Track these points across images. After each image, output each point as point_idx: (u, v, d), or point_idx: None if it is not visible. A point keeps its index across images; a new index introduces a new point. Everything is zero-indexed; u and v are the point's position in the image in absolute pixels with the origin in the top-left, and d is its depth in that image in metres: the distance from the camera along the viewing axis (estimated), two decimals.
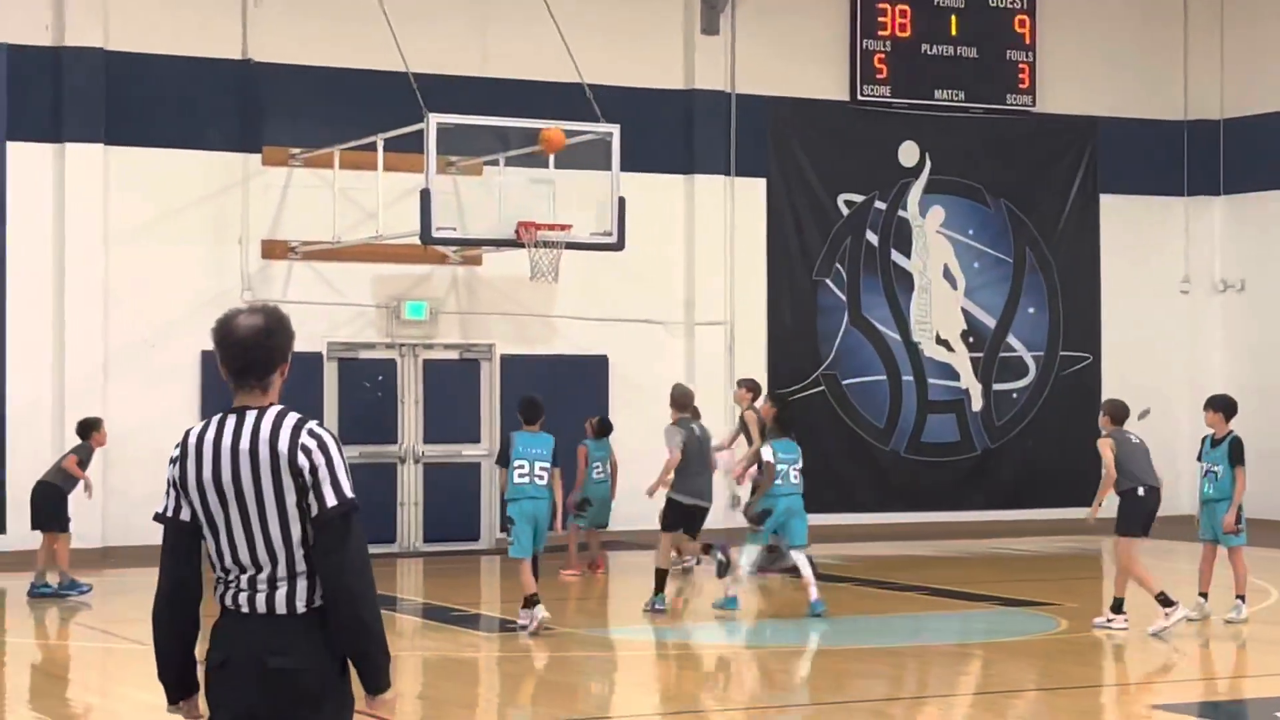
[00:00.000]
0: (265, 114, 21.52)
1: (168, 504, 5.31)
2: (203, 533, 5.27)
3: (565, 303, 22.58)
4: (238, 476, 5.16)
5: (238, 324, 5.24)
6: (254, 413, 5.22)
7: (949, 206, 25.25)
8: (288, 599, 5.14)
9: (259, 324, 5.24)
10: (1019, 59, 25.39)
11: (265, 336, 5.23)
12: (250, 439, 5.16)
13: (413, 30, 20.61)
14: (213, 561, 5.27)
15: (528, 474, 14.91)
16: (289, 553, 5.15)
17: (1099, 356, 26.04)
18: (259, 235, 21.46)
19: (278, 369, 5.28)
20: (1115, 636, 14.57)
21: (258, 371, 5.24)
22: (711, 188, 23.74)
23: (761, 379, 23.98)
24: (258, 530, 5.16)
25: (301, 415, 5.25)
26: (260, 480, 5.14)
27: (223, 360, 5.27)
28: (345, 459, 5.24)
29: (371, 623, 5.17)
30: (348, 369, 21.91)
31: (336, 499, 5.14)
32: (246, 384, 5.25)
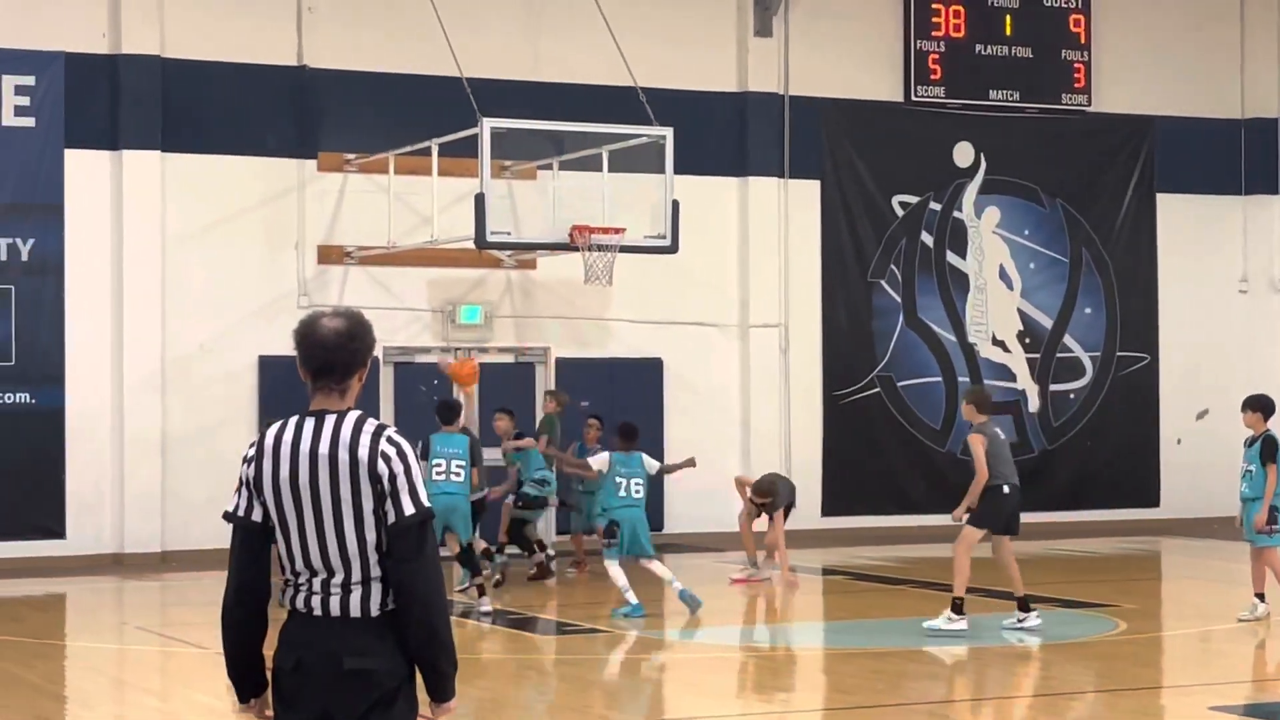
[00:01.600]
0: (320, 120, 21.63)
1: (239, 503, 5.32)
2: (273, 534, 5.28)
3: (619, 306, 22.61)
4: (315, 480, 5.17)
5: (321, 326, 5.28)
6: (333, 417, 5.24)
7: (1004, 207, 25.16)
8: (362, 602, 5.16)
9: (342, 327, 5.27)
10: (1074, 58, 25.28)
11: (347, 340, 5.26)
12: (330, 443, 5.18)
13: (466, 35, 20.68)
14: (282, 564, 5.29)
15: (444, 472, 15.94)
16: (364, 558, 5.17)
17: (1156, 356, 25.89)
18: (315, 241, 21.57)
19: (356, 373, 5.30)
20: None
21: (337, 374, 5.26)
22: (765, 190, 23.72)
23: (816, 381, 24.01)
24: (332, 534, 5.17)
25: (381, 422, 5.27)
26: (339, 485, 5.16)
27: (303, 361, 5.30)
28: (420, 467, 5.26)
29: (442, 631, 5.20)
30: (403, 373, 21.99)
31: (414, 507, 5.17)
32: (325, 386, 5.28)
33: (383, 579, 5.18)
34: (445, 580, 5.25)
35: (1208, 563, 21.40)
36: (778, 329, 23.75)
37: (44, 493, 20.42)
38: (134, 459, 20.62)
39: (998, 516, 14.60)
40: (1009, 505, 14.63)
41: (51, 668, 14.24)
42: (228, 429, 20.54)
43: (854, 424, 24.08)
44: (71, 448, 20.59)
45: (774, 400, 23.60)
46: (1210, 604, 17.15)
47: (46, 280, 20.55)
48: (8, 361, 20.42)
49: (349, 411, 5.27)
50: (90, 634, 16.31)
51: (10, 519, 20.29)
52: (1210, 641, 14.95)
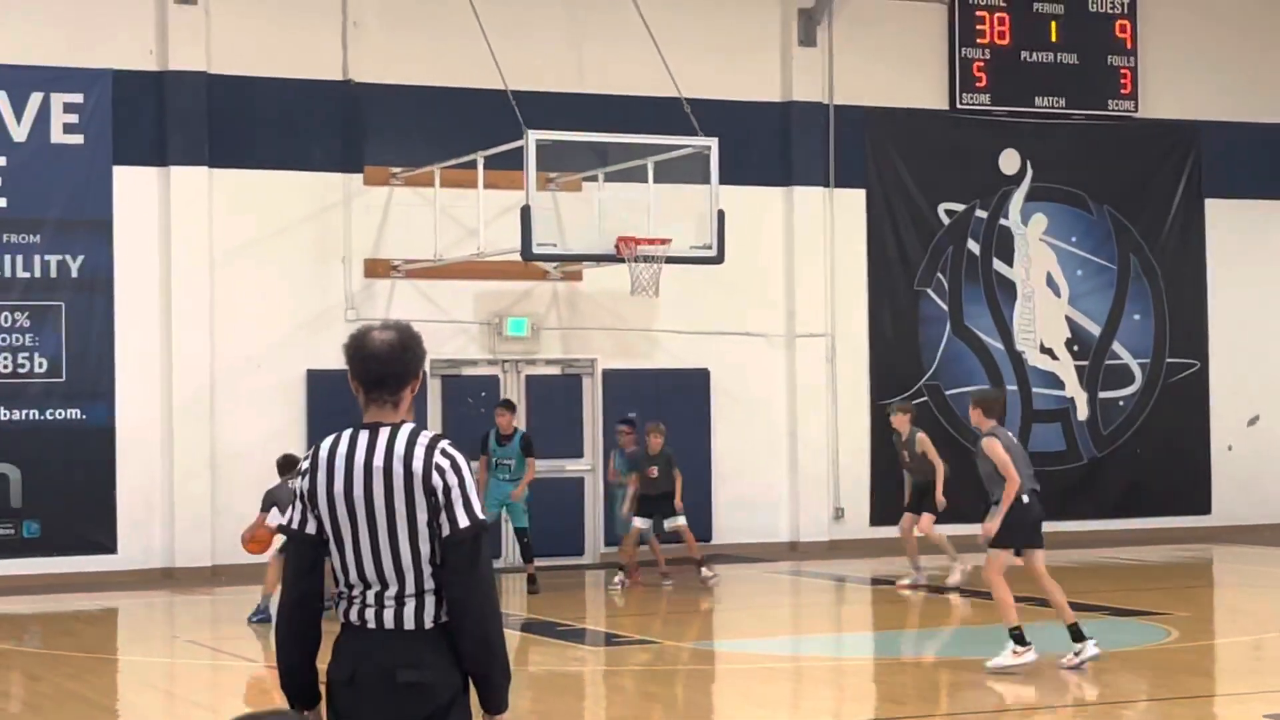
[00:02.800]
0: (366, 134, 21.70)
1: (293, 516, 5.34)
2: (327, 547, 5.30)
3: (666, 317, 22.60)
4: (370, 493, 5.18)
5: (372, 338, 5.30)
6: (387, 429, 5.25)
7: (1051, 214, 25.05)
8: (416, 615, 5.17)
9: (393, 339, 5.30)
10: (1120, 64, 25.16)
11: (400, 351, 5.29)
12: (384, 456, 5.19)
13: (510, 47, 20.72)
14: (336, 576, 5.30)
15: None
16: (418, 570, 5.18)
17: (1206, 362, 25.73)
18: (362, 254, 21.64)
19: (409, 385, 5.32)
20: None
21: (390, 386, 5.28)
22: (810, 199, 23.69)
23: (863, 390, 23.94)
24: (386, 547, 5.18)
25: (435, 434, 5.29)
26: (393, 498, 5.17)
27: (355, 374, 5.31)
28: (474, 480, 5.28)
29: (497, 644, 5.20)
30: (451, 386, 22.03)
31: (469, 520, 5.17)
32: (380, 398, 5.29)
33: (436, 591, 5.19)
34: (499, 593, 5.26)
35: (1260, 570, 21.26)
36: (824, 339, 23.70)
37: (95, 508, 20.53)
38: (184, 474, 20.72)
39: (1021, 530, 13.33)
40: (1031, 516, 13.36)
41: (104, 682, 14.32)
42: (277, 443, 20.54)
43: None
44: (122, 463, 20.69)
45: (821, 410, 23.55)
46: (1263, 611, 17.03)
47: (96, 297, 20.67)
48: (58, 378, 20.55)
49: (403, 424, 5.28)
50: (142, 648, 16.39)
51: (62, 534, 20.41)
52: (1263, 649, 14.85)
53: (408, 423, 5.31)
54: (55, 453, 20.42)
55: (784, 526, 23.48)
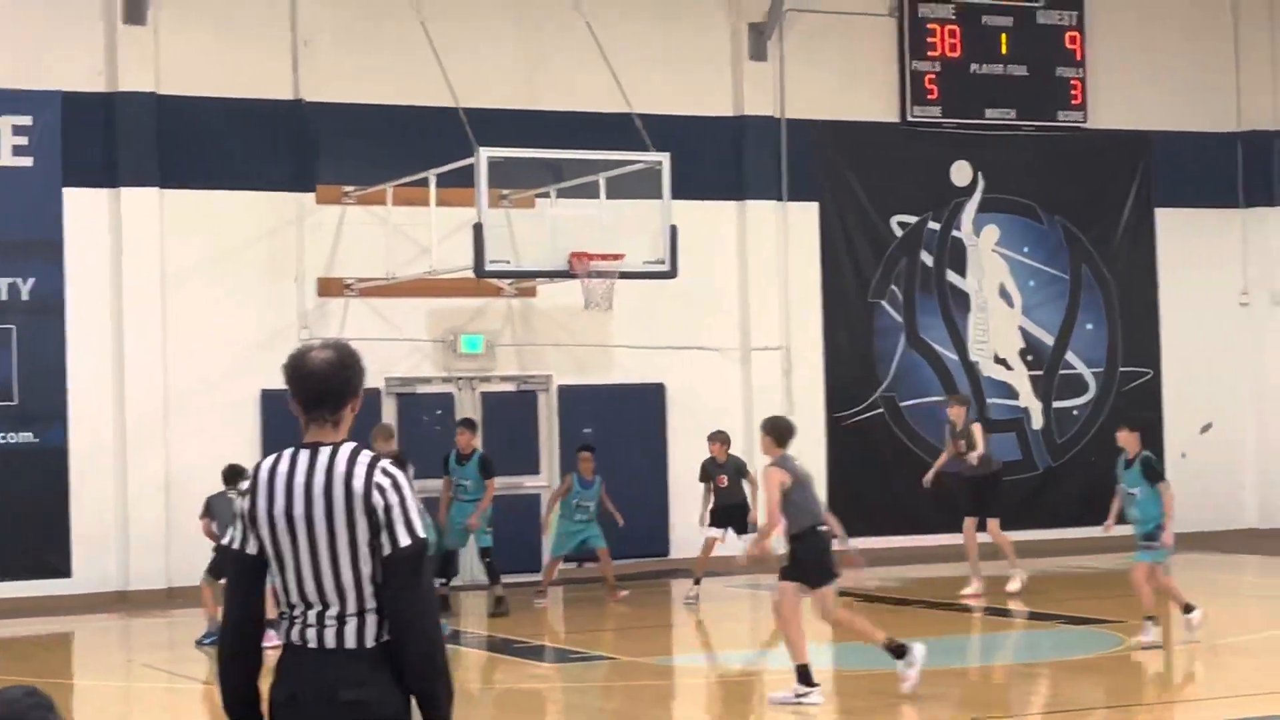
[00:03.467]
0: (318, 153, 21.67)
1: (235, 536, 5.35)
2: (268, 567, 5.29)
3: (621, 332, 22.61)
4: (310, 512, 5.18)
5: (311, 358, 5.31)
6: (328, 449, 5.25)
7: (1003, 225, 25.17)
8: (357, 634, 5.16)
9: (332, 358, 5.31)
10: (1070, 75, 25.31)
11: (339, 369, 5.30)
12: (325, 476, 5.20)
13: (462, 65, 20.72)
14: (278, 597, 5.29)
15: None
16: (359, 589, 5.18)
17: (1159, 371, 25.87)
18: (315, 273, 21.59)
19: (349, 404, 5.33)
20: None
21: (330, 405, 5.29)
22: (764, 213, 23.74)
23: (819, 403, 23.98)
24: (327, 567, 5.18)
25: (375, 453, 5.29)
26: (334, 517, 5.17)
27: (295, 394, 5.32)
28: (416, 498, 5.29)
29: (440, 661, 5.21)
30: (406, 404, 22.00)
31: (409, 538, 5.18)
32: (320, 417, 5.29)
33: (378, 610, 5.19)
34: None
35: (1213, 576, 21.36)
36: (779, 352, 23.75)
37: (49, 531, 20.42)
38: (138, 495, 20.63)
39: (820, 565, 12.74)
40: (817, 551, 12.75)
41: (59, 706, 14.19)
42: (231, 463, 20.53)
43: (858, 445, 24.06)
44: (76, 486, 20.59)
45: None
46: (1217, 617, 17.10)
47: (47, 319, 20.58)
48: (10, 401, 20.44)
49: (344, 443, 5.28)
50: (97, 672, 16.30)
51: (16, 558, 20.28)
52: (1217, 655, 14.92)
53: (348, 442, 5.31)
54: (8, 476, 20.31)
55: (740, 541, 23.44)
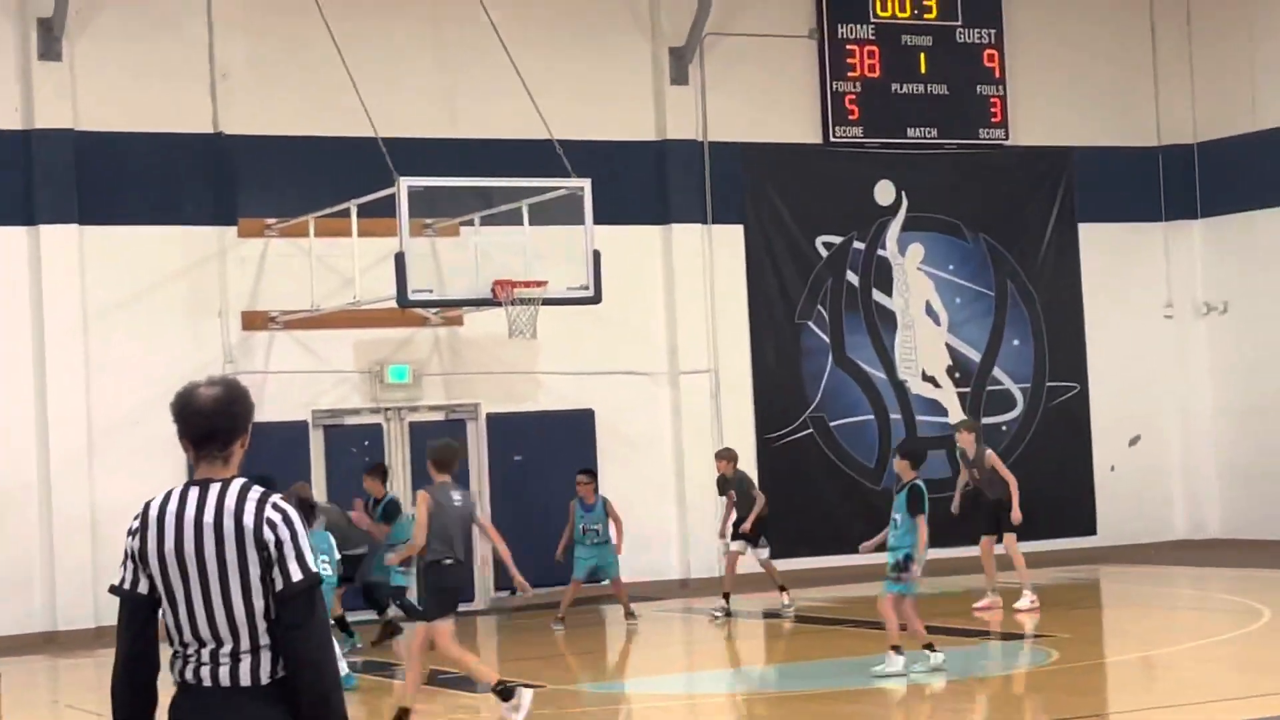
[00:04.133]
0: (238, 186, 21.56)
1: (124, 576, 5.30)
2: (159, 606, 5.26)
3: (549, 358, 22.58)
4: (201, 549, 5.17)
5: (198, 395, 5.29)
6: (217, 485, 5.24)
7: (928, 243, 25.28)
8: (251, 671, 5.15)
9: (219, 394, 5.29)
10: (990, 93, 25.47)
11: (226, 405, 5.29)
12: (214, 512, 5.18)
13: (381, 95, 20.66)
14: (170, 635, 5.27)
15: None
16: (251, 626, 5.16)
17: (1086, 385, 26.02)
18: (239, 307, 21.47)
19: (238, 440, 5.31)
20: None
21: (219, 441, 5.27)
22: (689, 236, 23.77)
23: (749, 424, 24.01)
24: (219, 604, 5.16)
25: (265, 490, 5.28)
26: (224, 554, 5.16)
27: (183, 432, 5.30)
28: (307, 533, 5.27)
29: (333, 695, 5.19)
30: (334, 436, 21.88)
31: (301, 573, 5.17)
32: (209, 454, 5.28)
33: (271, 647, 5.17)
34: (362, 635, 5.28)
35: (1145, 589, 21.49)
36: (708, 374, 23.77)
37: None
38: (63, 535, 20.43)
39: (438, 598, 12.64)
40: (448, 583, 12.68)
41: None
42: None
43: (788, 466, 24.09)
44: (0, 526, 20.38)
45: (707, 446, 23.54)
46: (1146, 630, 17.21)
47: None
48: None
49: (233, 480, 5.27)
50: (24, 715, 16.10)
51: None
52: (1146, 668, 14.99)
53: (238, 478, 5.29)
54: None
55: (674, 564, 23.50)
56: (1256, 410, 25.61)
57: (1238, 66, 25.82)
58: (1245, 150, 25.80)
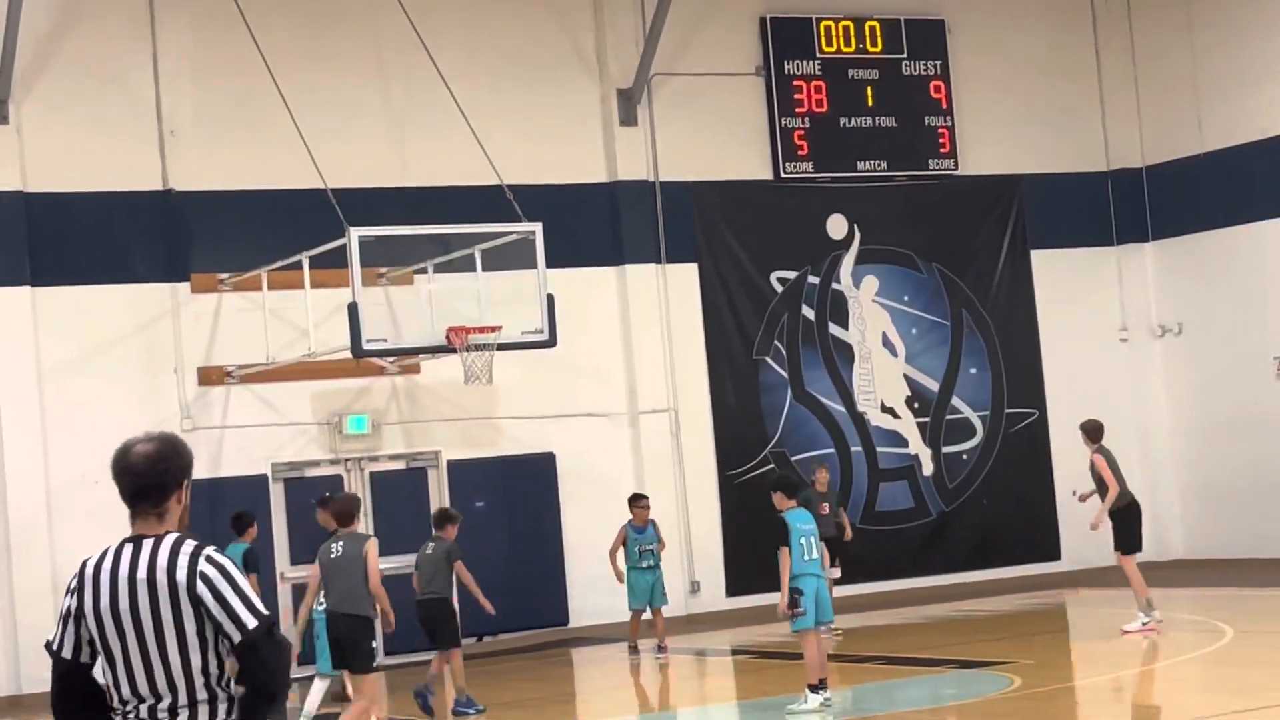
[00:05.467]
0: (190, 242, 21.55)
1: (57, 635, 5.35)
2: (93, 667, 5.29)
3: (508, 403, 22.60)
4: (135, 606, 5.21)
5: (131, 452, 5.35)
6: (150, 541, 5.27)
7: (882, 275, 25.39)
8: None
9: (150, 451, 5.34)
10: (938, 124, 25.62)
11: (157, 462, 5.34)
12: (148, 568, 5.22)
13: (330, 146, 20.70)
14: (110, 693, 5.28)
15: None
16: (189, 681, 5.20)
17: (1045, 410, 26.13)
18: (194, 363, 21.43)
19: (173, 495, 5.35)
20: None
21: (153, 498, 5.32)
22: (643, 276, 23.83)
23: (710, 462, 24.03)
24: (157, 660, 5.19)
25: (199, 542, 5.29)
26: (159, 609, 5.19)
27: (120, 489, 5.36)
28: (245, 579, 5.29)
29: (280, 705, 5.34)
30: (294, 488, 21.84)
31: (255, 618, 5.20)
32: (143, 510, 5.33)
33: (210, 701, 5.21)
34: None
35: (1109, 612, 21.53)
36: (667, 414, 23.80)
37: None
38: (25, 597, 20.32)
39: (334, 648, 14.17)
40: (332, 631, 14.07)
41: None
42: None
43: (751, 502, 24.04)
44: None
45: (669, 485, 23.61)
46: (1107, 654, 17.25)
47: None
48: None
49: (167, 534, 5.30)
50: None
51: None
52: (1110, 691, 15.04)
53: (171, 533, 5.32)
54: None
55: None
56: (1215, 429, 25.75)
57: (1182, 89, 26.03)
58: (1193, 172, 26.01)
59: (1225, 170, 25.51)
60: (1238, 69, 25.31)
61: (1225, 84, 25.48)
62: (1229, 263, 25.58)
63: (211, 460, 21.19)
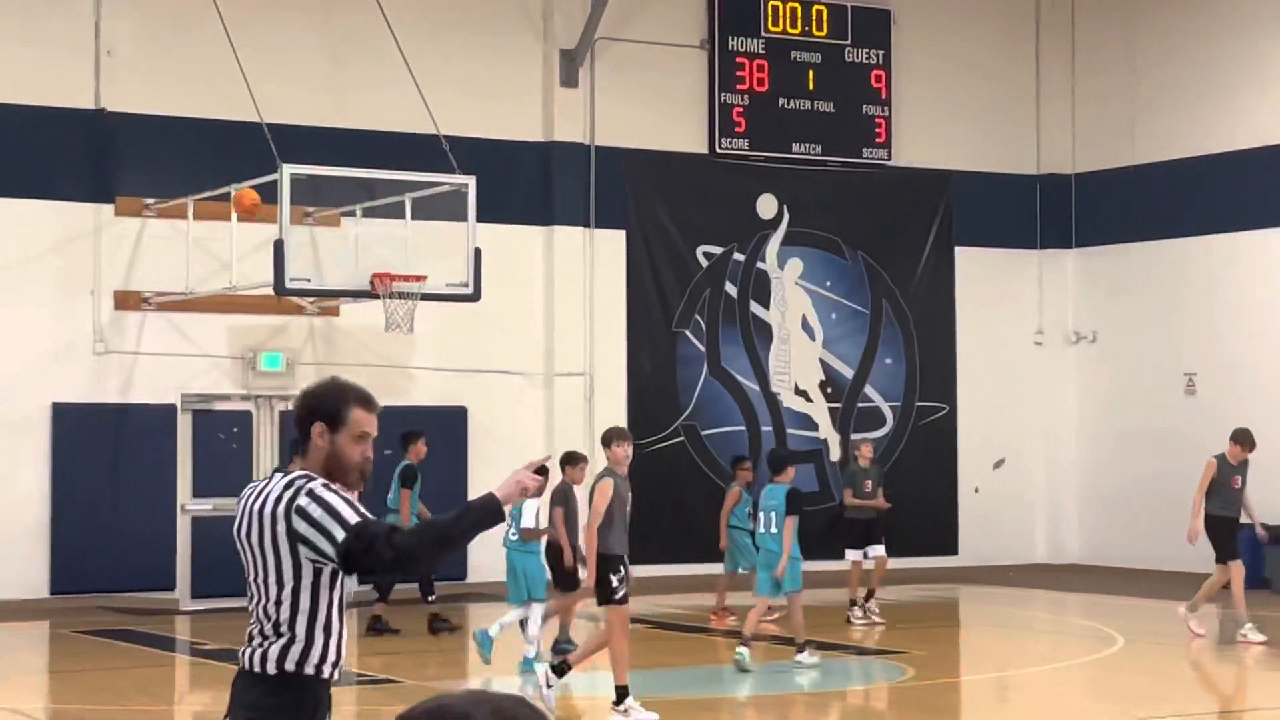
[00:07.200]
0: (118, 164, 21.31)
1: None
2: None
3: (424, 354, 22.52)
4: (249, 532, 5.63)
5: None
6: (279, 475, 5.71)
7: (807, 258, 25.48)
8: (261, 658, 5.57)
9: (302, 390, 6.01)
10: (875, 113, 25.72)
11: (296, 403, 5.90)
12: (262, 499, 5.62)
13: (268, 81, 20.52)
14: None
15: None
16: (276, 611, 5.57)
17: (955, 407, 26.34)
18: (112, 286, 21.22)
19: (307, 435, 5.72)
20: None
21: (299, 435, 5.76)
22: (571, 239, 23.80)
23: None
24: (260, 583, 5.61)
25: (310, 476, 5.59)
26: (263, 537, 5.57)
27: None
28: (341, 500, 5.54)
29: (429, 545, 5.60)
30: (203, 421, 21.68)
31: (343, 530, 5.47)
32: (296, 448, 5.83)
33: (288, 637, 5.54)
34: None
35: (1001, 609, 21.78)
36: (583, 378, 23.80)
37: None
38: None
39: None
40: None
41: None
42: (20, 475, 20.19)
43: (659, 473, 24.14)
44: None
45: (580, 448, 23.54)
46: (1000, 650, 17.45)
47: None
48: None
49: (292, 471, 5.68)
50: None
51: None
52: (999, 689, 15.20)
53: (298, 471, 5.65)
54: None
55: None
56: (1120, 439, 26.05)
57: (1119, 101, 26.25)
58: (1122, 183, 26.25)
59: (1153, 184, 25.76)
60: (1174, 87, 25.55)
61: (1161, 100, 25.72)
62: (1149, 276, 25.86)
63: (122, 386, 21.00)
